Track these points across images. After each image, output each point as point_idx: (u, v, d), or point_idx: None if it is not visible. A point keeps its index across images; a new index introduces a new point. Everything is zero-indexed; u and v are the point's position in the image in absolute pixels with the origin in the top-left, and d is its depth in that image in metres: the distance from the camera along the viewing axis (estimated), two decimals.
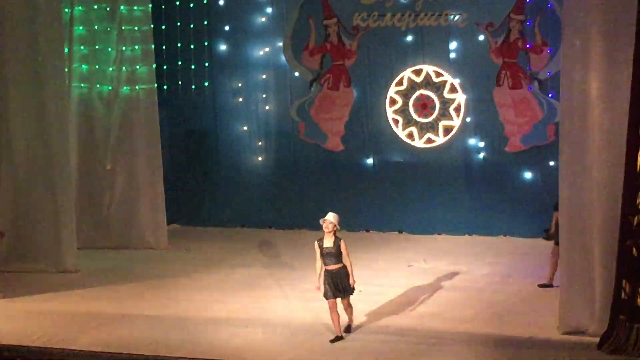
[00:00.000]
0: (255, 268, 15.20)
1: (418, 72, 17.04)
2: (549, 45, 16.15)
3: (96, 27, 16.50)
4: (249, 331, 12.06)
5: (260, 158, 18.26)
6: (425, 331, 11.90)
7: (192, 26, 18.02)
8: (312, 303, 12.41)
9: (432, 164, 17.13)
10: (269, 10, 17.91)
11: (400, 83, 17.14)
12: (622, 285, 10.80)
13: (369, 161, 17.57)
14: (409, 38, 17.09)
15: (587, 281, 11.39)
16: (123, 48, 16.45)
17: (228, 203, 18.36)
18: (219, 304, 13.26)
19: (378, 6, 17.12)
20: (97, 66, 16.56)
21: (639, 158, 10.66)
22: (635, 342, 10.71)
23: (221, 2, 18.07)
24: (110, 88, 16.54)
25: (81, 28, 16.46)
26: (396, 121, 17.21)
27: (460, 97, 16.85)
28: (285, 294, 13.52)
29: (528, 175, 16.68)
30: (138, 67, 16.43)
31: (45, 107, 15.01)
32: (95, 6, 16.47)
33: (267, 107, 18.12)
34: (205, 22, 18.08)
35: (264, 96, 18.11)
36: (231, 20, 18.12)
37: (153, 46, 16.60)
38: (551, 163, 16.04)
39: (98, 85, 16.56)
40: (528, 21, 16.29)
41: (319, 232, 11.45)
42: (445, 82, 16.91)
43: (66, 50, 15.73)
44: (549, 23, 16.08)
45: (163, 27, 17.83)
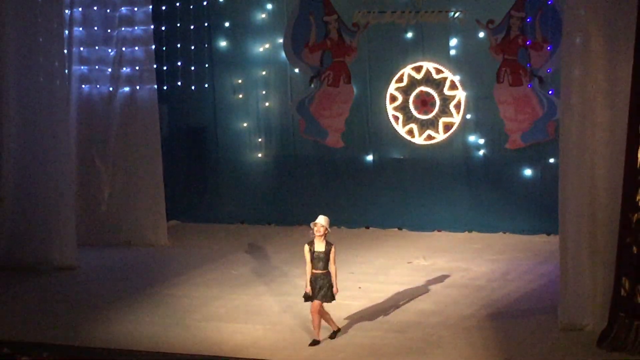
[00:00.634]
0: (255, 264, 15.20)
1: (418, 69, 17.03)
2: (550, 42, 16.13)
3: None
4: (249, 327, 12.07)
5: (260, 154, 18.23)
6: (424, 328, 11.90)
7: (192, 23, 17.97)
8: None
9: (432, 161, 17.10)
10: (269, 6, 17.88)
11: (400, 80, 17.12)
12: (622, 282, 10.80)
13: (369, 158, 17.55)
14: (409, 35, 17.06)
15: (587, 278, 11.39)
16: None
17: (228, 199, 18.33)
18: (219, 300, 13.26)
19: (378, 3, 17.08)
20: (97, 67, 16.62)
21: (639, 155, 10.65)
22: (634, 339, 10.70)
23: None
24: (110, 86, 16.60)
25: (81, 29, 16.47)
26: (396, 118, 17.19)
27: (460, 94, 16.83)
28: (285, 291, 13.51)
29: (528, 172, 16.66)
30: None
31: (45, 105, 15.00)
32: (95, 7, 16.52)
33: (267, 104, 18.09)
34: (205, 19, 18.04)
35: (264, 93, 18.08)
36: (231, 16, 18.08)
37: (153, 47, 16.62)
38: (551, 160, 16.03)
39: (98, 85, 16.60)
40: (528, 18, 16.27)
41: None
42: (445, 79, 16.89)
43: (65, 51, 15.72)
44: (550, 20, 16.05)
45: (163, 28, 17.77)
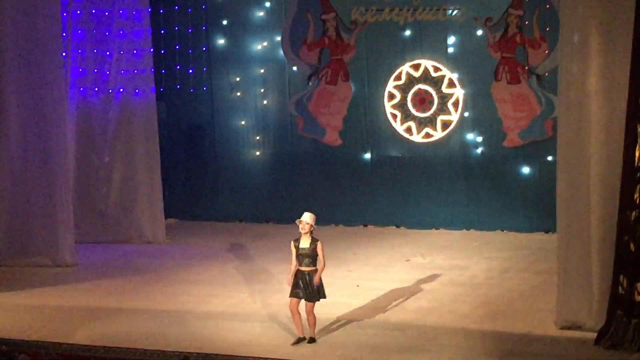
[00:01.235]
0: (253, 262, 15.20)
1: (416, 67, 17.02)
2: (547, 39, 16.12)
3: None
4: (248, 325, 12.07)
5: (258, 152, 18.24)
6: (422, 326, 11.90)
7: (190, 22, 17.95)
8: None
9: (430, 159, 17.11)
10: (268, 4, 17.88)
11: (398, 78, 17.12)
12: (620, 280, 10.79)
13: (367, 156, 17.55)
14: (408, 32, 17.06)
15: (585, 276, 11.38)
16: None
17: (226, 197, 18.34)
18: (217, 298, 13.27)
19: (376, 0, 17.09)
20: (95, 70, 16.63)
21: (637, 153, 10.65)
22: (632, 337, 10.70)
23: None
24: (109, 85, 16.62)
25: (79, 32, 16.47)
26: (394, 116, 17.19)
27: (458, 92, 16.83)
28: (283, 288, 13.48)
29: (526, 170, 16.67)
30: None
31: (43, 106, 15.00)
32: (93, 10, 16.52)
33: (265, 102, 18.09)
34: (203, 18, 18.03)
35: (262, 91, 18.09)
36: (229, 14, 18.08)
37: (152, 48, 16.62)
38: (549, 158, 16.04)
39: (96, 88, 16.60)
40: (526, 16, 16.26)
41: (316, 227, 11.42)
42: (443, 77, 16.89)
43: (64, 54, 15.75)
44: (547, 18, 16.06)
45: (162, 31, 17.76)
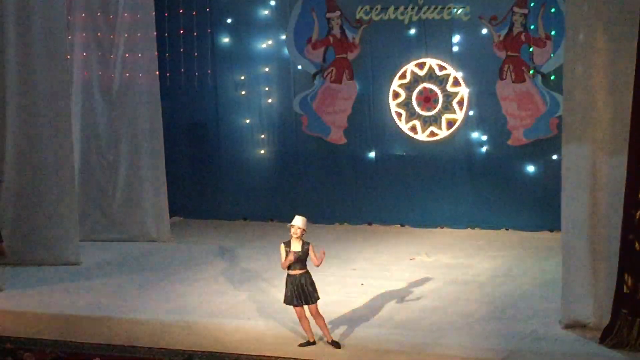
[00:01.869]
0: (257, 260, 15.19)
1: (421, 66, 17.00)
2: (552, 38, 16.10)
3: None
4: (252, 324, 12.07)
5: (262, 151, 18.23)
6: (427, 324, 11.90)
7: (195, 19, 17.96)
8: None
9: (435, 158, 17.08)
10: (272, 3, 17.87)
11: (403, 76, 17.10)
12: (625, 279, 10.79)
13: (372, 154, 17.54)
14: (412, 31, 17.03)
15: (589, 275, 11.38)
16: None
17: (230, 196, 18.33)
18: (221, 297, 13.27)
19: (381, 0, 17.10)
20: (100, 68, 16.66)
21: None
22: (637, 336, 10.70)
23: None
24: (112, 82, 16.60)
25: (84, 35, 16.50)
26: (399, 114, 17.17)
27: (463, 91, 16.81)
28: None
29: (531, 168, 16.64)
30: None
31: (47, 104, 15.01)
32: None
33: (270, 100, 18.08)
34: (208, 15, 18.03)
35: (267, 89, 18.08)
36: (234, 12, 18.08)
37: (156, 43, 16.63)
38: (554, 157, 16.01)
39: (100, 83, 16.61)
40: (531, 14, 16.24)
41: (321, 226, 11.46)
42: (448, 76, 16.87)
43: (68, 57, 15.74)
44: (552, 16, 16.04)
45: (166, 33, 17.75)
